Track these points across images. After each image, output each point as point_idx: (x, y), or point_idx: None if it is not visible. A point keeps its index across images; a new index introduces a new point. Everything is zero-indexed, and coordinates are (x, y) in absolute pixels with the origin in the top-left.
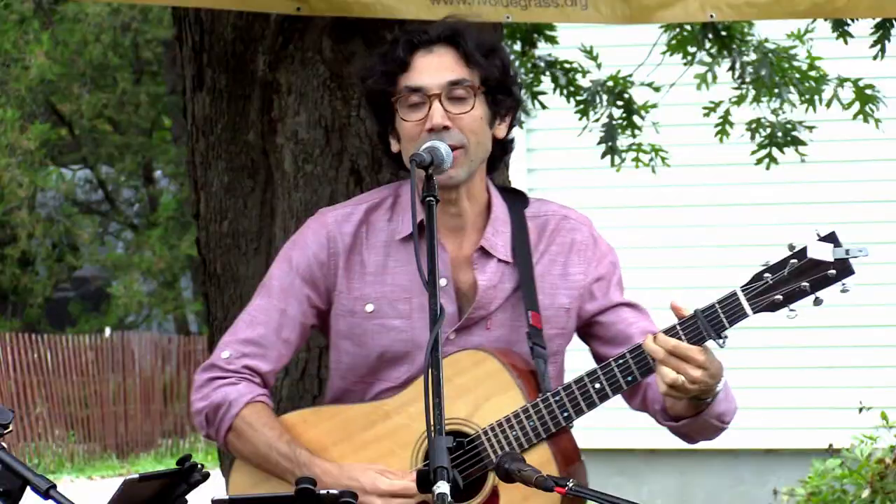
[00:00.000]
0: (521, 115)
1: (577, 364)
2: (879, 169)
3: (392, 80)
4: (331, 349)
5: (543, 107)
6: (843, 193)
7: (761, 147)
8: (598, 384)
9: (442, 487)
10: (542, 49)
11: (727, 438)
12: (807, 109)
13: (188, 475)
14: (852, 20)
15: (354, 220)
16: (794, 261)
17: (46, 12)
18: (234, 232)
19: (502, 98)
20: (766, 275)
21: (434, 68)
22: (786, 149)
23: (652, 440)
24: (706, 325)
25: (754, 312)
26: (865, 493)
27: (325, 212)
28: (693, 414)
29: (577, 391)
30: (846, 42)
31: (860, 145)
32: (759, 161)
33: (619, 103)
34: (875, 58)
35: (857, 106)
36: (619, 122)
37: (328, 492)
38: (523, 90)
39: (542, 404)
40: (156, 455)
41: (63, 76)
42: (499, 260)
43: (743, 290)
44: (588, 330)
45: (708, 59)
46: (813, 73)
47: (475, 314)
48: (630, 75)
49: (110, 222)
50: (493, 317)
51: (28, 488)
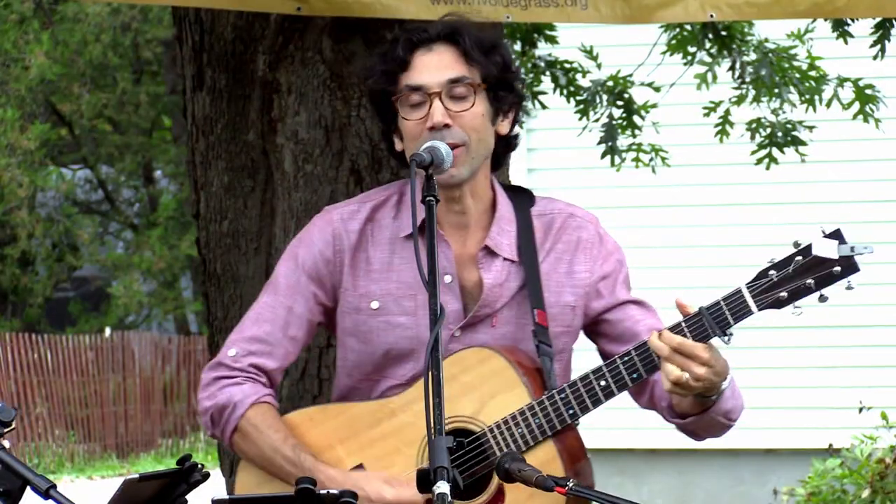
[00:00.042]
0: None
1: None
2: (879, 169)
3: (393, 80)
4: (337, 347)
5: (543, 107)
6: (843, 193)
7: (761, 147)
8: (603, 382)
9: (442, 487)
10: (542, 49)
11: (727, 438)
12: (807, 109)
13: (188, 475)
14: (852, 20)
15: (360, 217)
16: (799, 258)
17: (46, 12)
18: (234, 232)
19: (504, 94)
20: (771, 272)
21: (434, 66)
22: (786, 149)
23: (652, 440)
24: (711, 322)
25: (759, 310)
26: (865, 493)
27: (331, 209)
28: (699, 411)
29: (583, 389)
30: (846, 42)
31: (860, 145)
32: (759, 161)
33: (619, 103)
34: (875, 58)
35: (857, 106)
36: (619, 122)
37: (328, 492)
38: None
39: (547, 402)
40: (156, 455)
41: (63, 76)
42: (504, 258)
43: (748, 288)
44: (595, 328)
45: (708, 59)
46: (813, 73)
47: (481, 312)
48: (630, 75)
49: (110, 222)
50: (499, 314)
51: (28, 488)
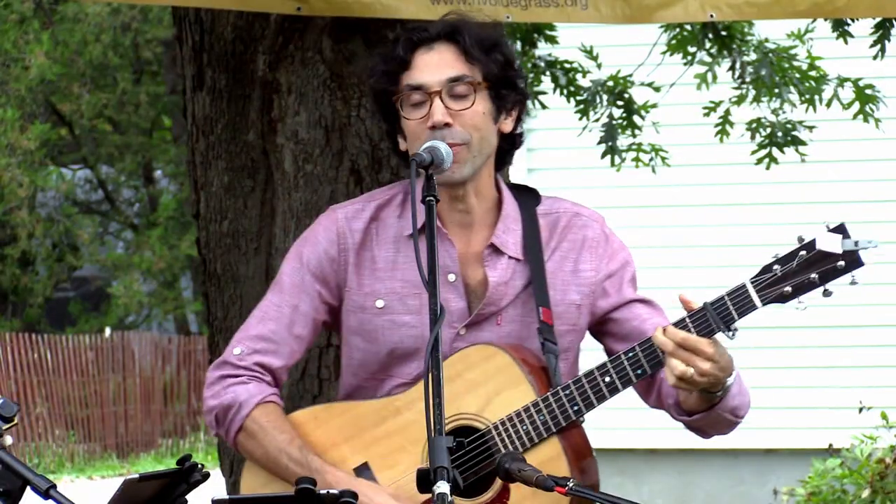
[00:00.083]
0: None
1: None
2: (879, 169)
3: (394, 79)
4: (342, 346)
5: (543, 107)
6: (843, 193)
7: (761, 147)
8: (608, 378)
9: (442, 487)
10: (543, 49)
11: (727, 438)
12: (807, 109)
13: (188, 475)
14: (852, 20)
15: (365, 216)
16: (803, 252)
17: (46, 12)
18: (234, 232)
19: (506, 93)
20: (776, 266)
21: (434, 65)
22: (786, 149)
23: (652, 440)
24: (715, 317)
25: (763, 304)
26: (865, 493)
27: (336, 208)
28: (706, 408)
29: (588, 385)
30: (846, 42)
31: (860, 145)
32: (759, 161)
33: (620, 103)
34: (875, 58)
35: (857, 106)
36: (619, 121)
37: (328, 492)
38: None
39: (552, 398)
40: (156, 455)
41: (63, 76)
42: (509, 257)
43: (752, 282)
44: (602, 327)
45: (708, 59)
46: (813, 73)
47: (485, 310)
48: (630, 75)
49: (110, 222)
50: (504, 313)
51: (28, 488)
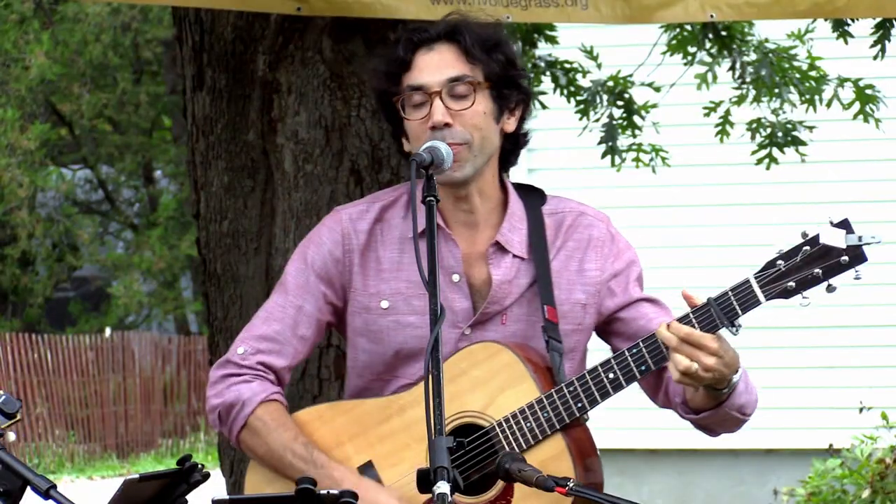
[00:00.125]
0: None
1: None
2: (879, 169)
3: (396, 80)
4: (348, 348)
5: (543, 107)
6: (843, 193)
7: (761, 147)
8: (612, 374)
9: (442, 487)
10: (543, 49)
11: (727, 438)
12: (807, 109)
13: (188, 475)
14: (852, 20)
15: (370, 217)
16: (806, 248)
17: (46, 12)
18: (234, 232)
19: (508, 92)
20: (779, 262)
21: (435, 66)
22: (786, 149)
23: (652, 440)
24: (719, 312)
25: (767, 299)
26: (866, 494)
27: (341, 209)
28: (713, 406)
29: (591, 381)
30: (846, 42)
31: (860, 145)
32: (760, 161)
33: (620, 103)
34: (875, 58)
35: (857, 106)
36: (620, 122)
37: (328, 492)
38: None
39: (555, 395)
40: (156, 455)
41: (63, 76)
42: (514, 255)
43: (756, 278)
44: (609, 327)
45: (708, 59)
46: (813, 73)
47: (490, 309)
48: (630, 75)
49: (110, 222)
50: (509, 312)
51: (28, 488)
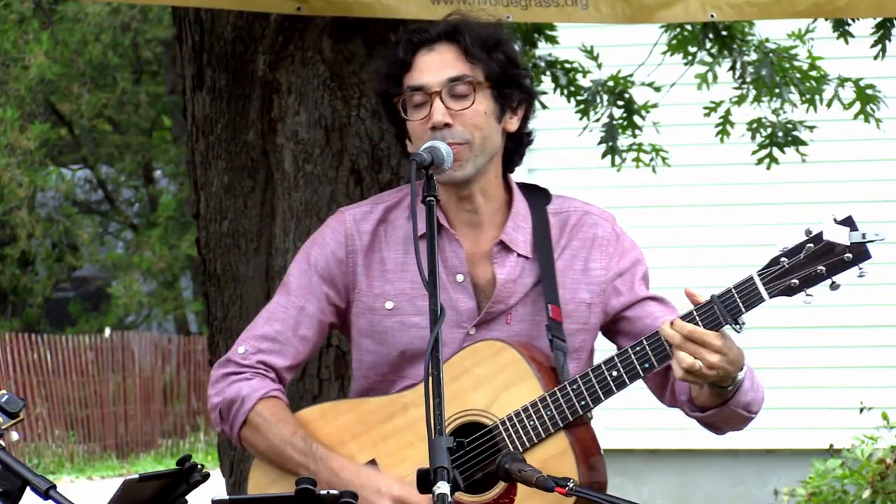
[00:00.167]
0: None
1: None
2: (879, 169)
3: (397, 81)
4: (353, 349)
5: (544, 107)
6: (843, 193)
7: (762, 147)
8: (615, 372)
9: (442, 488)
10: (543, 49)
11: (727, 438)
12: (807, 109)
13: (188, 475)
14: (853, 20)
15: (373, 218)
16: (810, 245)
17: (46, 12)
18: (234, 232)
19: (510, 91)
20: (783, 259)
21: (435, 66)
22: (786, 149)
23: (652, 440)
24: (722, 310)
25: (770, 297)
26: (866, 494)
27: (344, 210)
28: (719, 404)
29: (595, 379)
30: (847, 42)
31: (861, 145)
32: (760, 161)
33: (620, 103)
34: (876, 58)
35: (857, 106)
36: (620, 121)
37: (328, 492)
38: None
39: (559, 393)
40: (156, 455)
41: (63, 76)
42: (518, 255)
43: (759, 275)
44: (615, 326)
45: (708, 59)
46: (814, 73)
47: (494, 308)
48: (630, 75)
49: (110, 222)
50: (514, 311)
51: (28, 488)
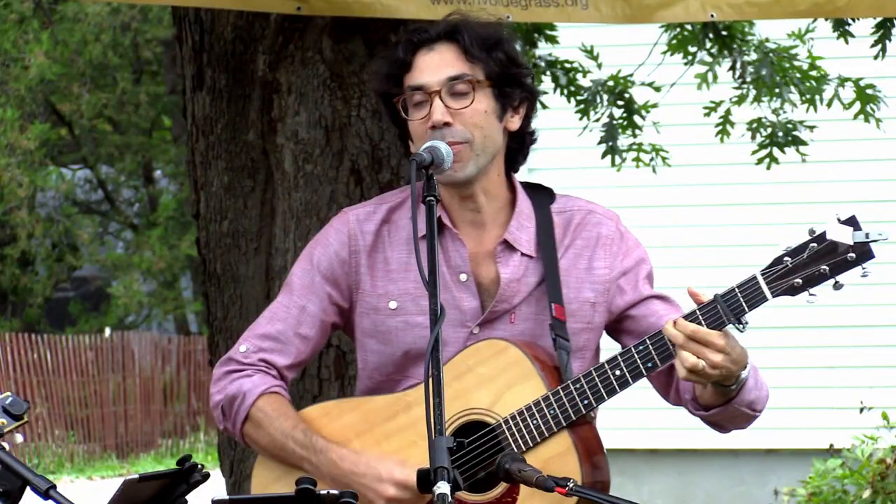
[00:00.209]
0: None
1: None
2: (879, 169)
3: (397, 82)
4: (357, 350)
5: (544, 107)
6: (843, 193)
7: (762, 147)
8: (618, 371)
9: (442, 488)
10: (543, 49)
11: (727, 438)
12: (808, 109)
13: (188, 475)
14: (853, 20)
15: (377, 218)
16: (813, 244)
17: (46, 12)
18: (234, 232)
19: (510, 90)
20: (786, 259)
21: (434, 66)
22: (786, 149)
23: (652, 440)
24: (726, 309)
25: (774, 296)
26: (866, 494)
27: (349, 210)
28: (723, 403)
29: (598, 378)
30: (847, 42)
31: (861, 145)
32: (760, 161)
33: (620, 103)
34: (876, 57)
35: (857, 106)
36: (620, 121)
37: (328, 492)
38: None
39: (562, 392)
40: (156, 455)
41: (63, 76)
42: (522, 254)
43: (762, 274)
44: (619, 325)
45: (708, 59)
46: (814, 73)
47: (498, 308)
48: (630, 75)
49: (110, 222)
50: (517, 310)
51: (28, 488)
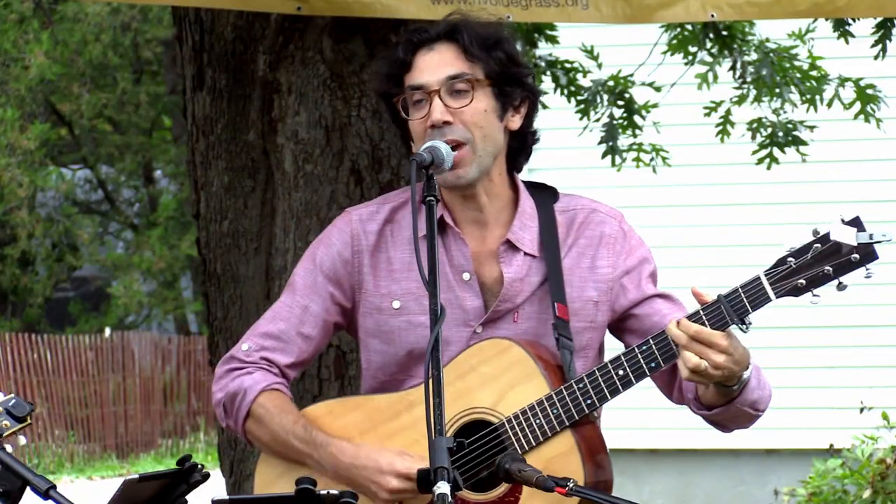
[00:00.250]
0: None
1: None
2: (880, 169)
3: (397, 82)
4: (361, 350)
5: (544, 107)
6: (843, 193)
7: (762, 147)
8: (621, 371)
9: (442, 488)
10: (543, 49)
11: (728, 438)
12: (808, 109)
13: (188, 475)
14: (853, 20)
15: (379, 218)
16: (817, 245)
17: (46, 12)
18: (234, 232)
19: (510, 89)
20: (790, 259)
21: (434, 65)
22: (787, 149)
23: (652, 440)
24: (729, 310)
25: (777, 297)
26: (866, 494)
27: (351, 210)
28: (725, 402)
29: (601, 378)
30: (847, 42)
31: (861, 145)
32: (760, 161)
33: (620, 103)
34: (876, 57)
35: (858, 106)
36: (620, 121)
37: (328, 492)
38: None
39: (565, 391)
40: (156, 455)
41: (63, 76)
42: (525, 253)
43: (766, 275)
44: (622, 324)
45: (709, 59)
46: (814, 73)
47: (501, 307)
48: (631, 75)
49: (110, 222)
50: (521, 310)
51: (28, 488)
